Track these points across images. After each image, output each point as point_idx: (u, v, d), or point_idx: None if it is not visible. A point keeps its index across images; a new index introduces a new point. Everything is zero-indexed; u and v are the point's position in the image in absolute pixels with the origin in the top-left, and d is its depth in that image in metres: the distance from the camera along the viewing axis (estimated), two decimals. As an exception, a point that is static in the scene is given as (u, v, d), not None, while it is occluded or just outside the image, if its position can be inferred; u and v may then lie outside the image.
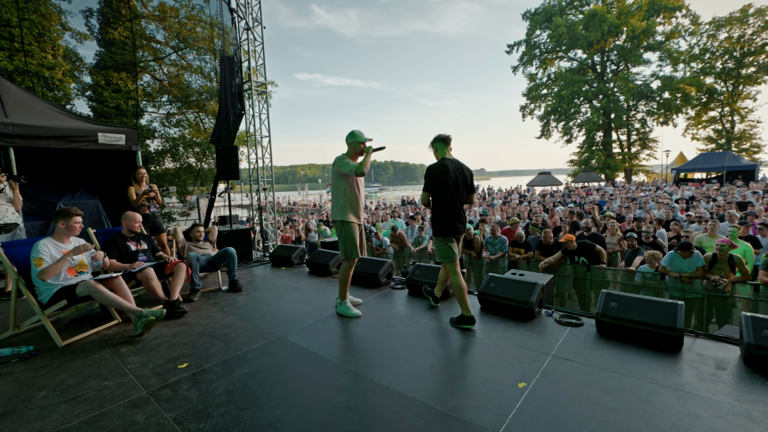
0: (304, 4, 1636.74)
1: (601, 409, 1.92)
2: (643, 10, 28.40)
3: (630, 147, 33.72)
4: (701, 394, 2.03)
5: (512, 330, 3.03)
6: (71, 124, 4.80)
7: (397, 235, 8.43)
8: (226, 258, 4.48)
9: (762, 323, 2.33)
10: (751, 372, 2.25)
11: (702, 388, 2.09)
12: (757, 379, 2.17)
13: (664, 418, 1.84)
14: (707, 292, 4.94)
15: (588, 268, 5.81)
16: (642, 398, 2.01)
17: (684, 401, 1.98)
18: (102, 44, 10.17)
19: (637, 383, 2.17)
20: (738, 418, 1.82)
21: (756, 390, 2.06)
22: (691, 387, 2.11)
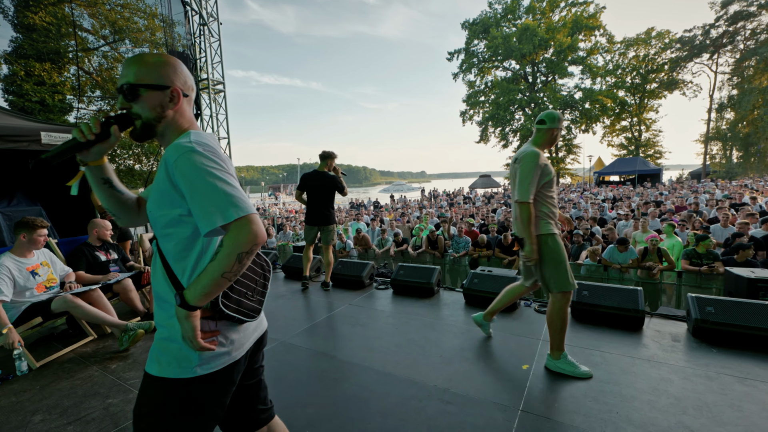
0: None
1: (595, 381, 2.29)
2: (567, 27, 31.69)
3: (558, 152, 37.37)
4: (668, 362, 2.50)
5: (500, 321, 3.37)
6: (9, 122, 4.24)
7: (361, 237, 8.57)
8: (204, 265, 4.29)
9: (705, 302, 2.90)
10: (699, 342, 2.80)
11: (667, 357, 2.58)
12: (705, 347, 2.72)
13: (646, 383, 2.26)
14: (640, 279, 5.80)
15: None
16: (624, 369, 2.43)
17: (657, 369, 2.43)
18: (19, 30, 8.92)
19: (616, 357, 2.60)
20: (699, 378, 2.30)
21: (706, 356, 2.59)
22: (659, 357, 2.58)
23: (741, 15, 30.38)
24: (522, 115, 35.88)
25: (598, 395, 2.14)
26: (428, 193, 28.91)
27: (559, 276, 2.30)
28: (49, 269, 3.04)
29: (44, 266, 3.02)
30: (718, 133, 33.64)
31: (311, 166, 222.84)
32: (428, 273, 4.22)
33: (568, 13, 33.35)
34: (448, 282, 7.27)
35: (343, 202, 33.35)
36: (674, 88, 34.48)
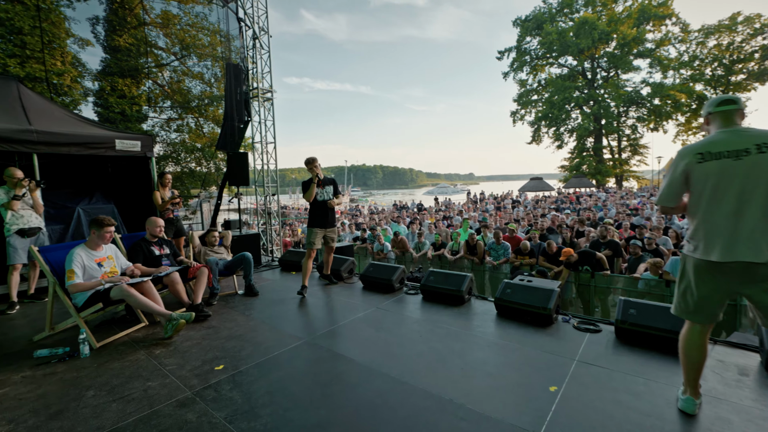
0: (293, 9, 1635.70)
1: (634, 413, 2.07)
2: (632, 17, 29.14)
3: (621, 153, 34.42)
4: (729, 399, 2.18)
5: (533, 335, 3.20)
6: (91, 131, 4.87)
7: (399, 240, 8.59)
8: (243, 263, 4.58)
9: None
10: None
11: (729, 394, 2.24)
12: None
13: (697, 421, 1.99)
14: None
15: (592, 275, 6.03)
16: (671, 402, 2.16)
17: (714, 406, 2.12)
18: (108, 51, 10.22)
19: (664, 387, 2.32)
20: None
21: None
22: (718, 392, 2.26)
23: None
24: (579, 114, 33.60)
25: (634, 429, 1.94)
26: (474, 196, 28.17)
27: None
28: (113, 262, 3.45)
29: (109, 259, 3.43)
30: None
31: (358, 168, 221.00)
32: (459, 280, 4.12)
33: (634, 3, 30.67)
34: (487, 290, 7.03)
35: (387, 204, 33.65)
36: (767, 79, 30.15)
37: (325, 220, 4.49)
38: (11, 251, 4.06)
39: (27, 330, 3.51)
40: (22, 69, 7.37)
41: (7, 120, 4.31)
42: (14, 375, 2.64)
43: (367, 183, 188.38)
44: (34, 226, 4.19)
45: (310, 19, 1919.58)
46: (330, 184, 4.54)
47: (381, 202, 42.90)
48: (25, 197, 4.16)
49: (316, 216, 4.48)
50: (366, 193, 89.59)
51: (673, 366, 2.58)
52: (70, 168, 5.51)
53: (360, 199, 54.11)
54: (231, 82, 7.77)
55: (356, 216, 19.96)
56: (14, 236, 4.07)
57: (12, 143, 4.13)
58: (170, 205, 5.19)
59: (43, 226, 4.32)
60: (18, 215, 4.10)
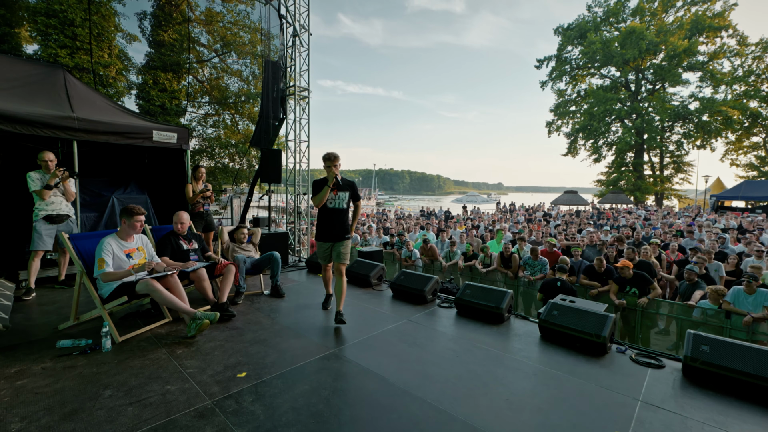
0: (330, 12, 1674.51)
1: None
2: (684, 28, 27.58)
3: (662, 170, 32.53)
4: None
5: (585, 366, 2.83)
6: (129, 121, 4.91)
7: (429, 248, 8.27)
8: (271, 262, 4.43)
9: None
10: None
11: None
12: None
13: None
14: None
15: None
16: None
17: None
18: (152, 45, 10.56)
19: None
20: None
21: None
22: None
23: None
24: (620, 127, 32.06)
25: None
26: (504, 206, 27.36)
27: None
28: (142, 254, 3.36)
29: (139, 251, 3.34)
30: None
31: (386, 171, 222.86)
32: (499, 296, 3.79)
33: (686, 13, 29.05)
34: (519, 307, 6.60)
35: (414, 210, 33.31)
36: (833, 98, 27.73)
37: (331, 231, 3.54)
38: (35, 237, 4.02)
39: (54, 317, 3.48)
40: (71, 59, 7.70)
41: (52, 106, 4.38)
42: (35, 366, 2.55)
43: (394, 187, 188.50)
44: (63, 213, 4.17)
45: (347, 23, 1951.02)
46: (347, 190, 3.59)
47: (407, 208, 42.61)
48: (58, 185, 4.17)
49: (323, 226, 3.58)
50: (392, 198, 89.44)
51: (760, 418, 2.16)
52: (108, 157, 5.59)
53: (386, 203, 54.11)
54: (269, 79, 7.78)
55: (384, 220, 19.78)
56: (41, 222, 4.03)
57: (54, 129, 4.18)
58: (201, 199, 5.14)
59: (72, 213, 4.31)
60: (48, 201, 4.08)
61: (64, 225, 4.23)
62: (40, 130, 4.15)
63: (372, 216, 25.21)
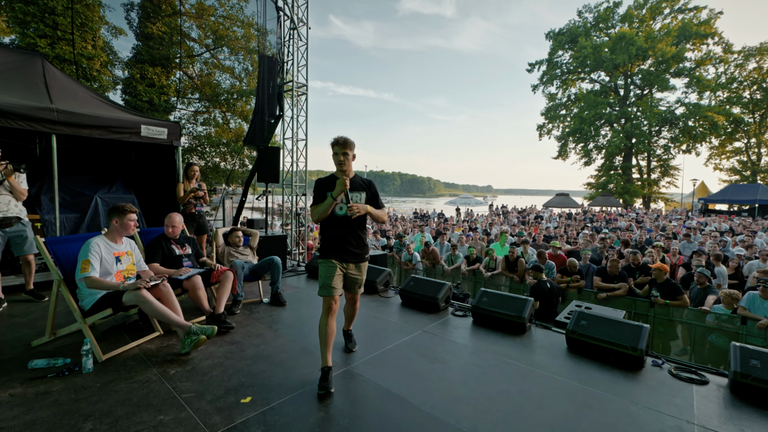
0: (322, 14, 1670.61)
1: None
2: (672, 35, 28.11)
3: (650, 173, 33.09)
4: None
5: (623, 383, 2.58)
6: (115, 114, 4.52)
7: (430, 251, 8.02)
8: (271, 268, 4.10)
9: None
10: None
11: None
12: None
13: None
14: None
15: (651, 304, 5.35)
16: None
17: None
18: (140, 38, 10.08)
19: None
20: None
21: None
22: None
23: None
24: (609, 131, 32.50)
25: None
26: (496, 209, 27.37)
27: None
28: (131, 259, 3.00)
29: (128, 255, 2.99)
30: None
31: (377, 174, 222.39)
32: (519, 305, 3.54)
33: (673, 20, 29.64)
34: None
35: (405, 212, 33.09)
36: (811, 106, 28.61)
37: (342, 248, 2.50)
38: None
39: (27, 331, 3.09)
40: (51, 50, 7.20)
41: (28, 96, 3.97)
42: (1, 392, 2.18)
43: (385, 189, 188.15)
44: (10, 215, 3.60)
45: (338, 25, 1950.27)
46: (364, 191, 2.59)
47: (400, 210, 42.39)
48: (2, 183, 3.56)
49: (330, 239, 2.52)
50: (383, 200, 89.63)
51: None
52: (91, 153, 5.18)
53: None
54: (264, 74, 7.43)
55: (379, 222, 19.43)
56: None
57: (30, 121, 3.78)
58: (193, 199, 4.77)
59: (24, 215, 3.74)
60: None
61: (13, 229, 3.65)
62: (14, 122, 3.74)
63: (365, 218, 24.93)
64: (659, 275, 5.21)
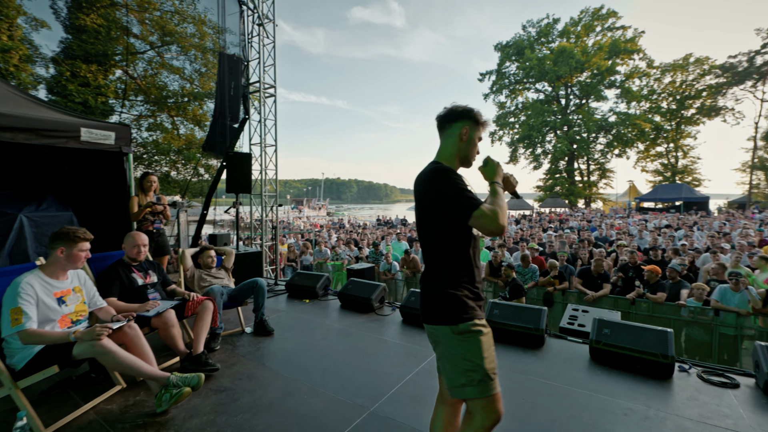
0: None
1: None
2: (604, 50, 30.87)
3: (590, 176, 35.93)
4: None
5: (660, 393, 2.44)
6: (47, 115, 3.69)
7: (411, 259, 7.73)
8: (254, 292, 3.53)
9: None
10: None
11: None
12: None
13: None
14: (765, 329, 4.73)
15: (633, 301, 5.49)
16: None
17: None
18: (70, 30, 8.79)
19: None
20: None
21: None
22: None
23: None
24: (554, 137, 34.87)
25: None
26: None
27: None
28: (80, 297, 2.33)
29: (76, 293, 2.31)
30: (762, 162, 31.51)
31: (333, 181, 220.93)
32: (534, 315, 3.33)
33: (603, 37, 32.63)
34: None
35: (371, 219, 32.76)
36: (715, 115, 32.83)
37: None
38: None
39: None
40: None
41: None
42: None
43: (341, 197, 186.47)
44: None
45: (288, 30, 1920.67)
46: None
47: (358, 216, 41.92)
48: None
49: (476, 278, 1.53)
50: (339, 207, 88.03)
51: None
52: (14, 162, 4.23)
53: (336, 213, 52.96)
54: (224, 74, 6.76)
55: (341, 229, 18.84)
56: None
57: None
58: (150, 215, 4.04)
59: None
60: None
61: None
62: None
63: (328, 227, 24.20)
64: (652, 277, 5.34)
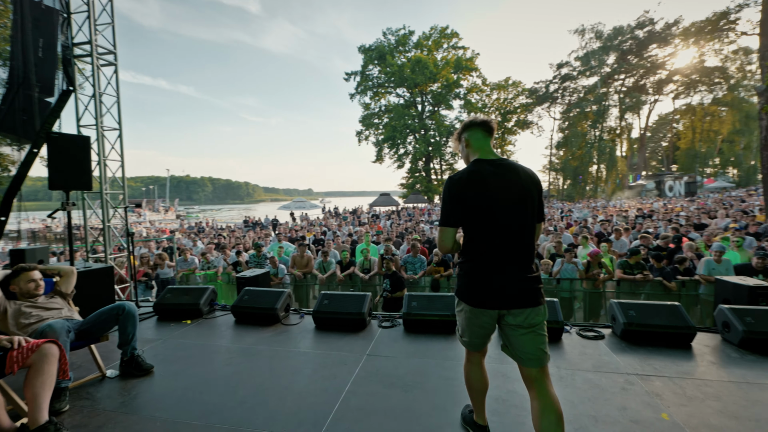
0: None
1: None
2: (450, 65, 35.77)
3: (442, 174, 41.30)
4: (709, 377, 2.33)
5: (557, 353, 2.85)
6: None
7: (305, 260, 7.23)
8: (121, 321, 2.61)
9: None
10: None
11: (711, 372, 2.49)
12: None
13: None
14: (588, 290, 6.19)
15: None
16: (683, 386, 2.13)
17: (701, 387, 2.25)
18: None
19: (670, 378, 2.40)
20: None
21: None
22: (705, 373, 2.45)
23: (567, 76, 39.50)
24: (413, 140, 38.60)
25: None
26: (329, 211, 27.98)
27: None
28: None
29: None
30: (555, 165, 42.21)
31: (181, 179, 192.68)
32: (450, 302, 3.47)
33: (449, 54, 37.80)
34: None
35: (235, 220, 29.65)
36: (526, 128, 42.21)
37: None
38: None
39: None
40: None
41: None
42: None
43: (193, 197, 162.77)
44: None
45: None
46: None
47: (218, 219, 37.29)
48: None
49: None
50: (189, 209, 73.85)
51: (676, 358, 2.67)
52: None
53: (188, 216, 45.09)
54: (25, 27, 4.93)
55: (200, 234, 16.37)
56: None
57: None
58: None
59: None
60: None
61: None
62: None
63: (182, 231, 20.77)
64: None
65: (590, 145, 36.56)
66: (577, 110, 38.04)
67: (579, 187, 38.13)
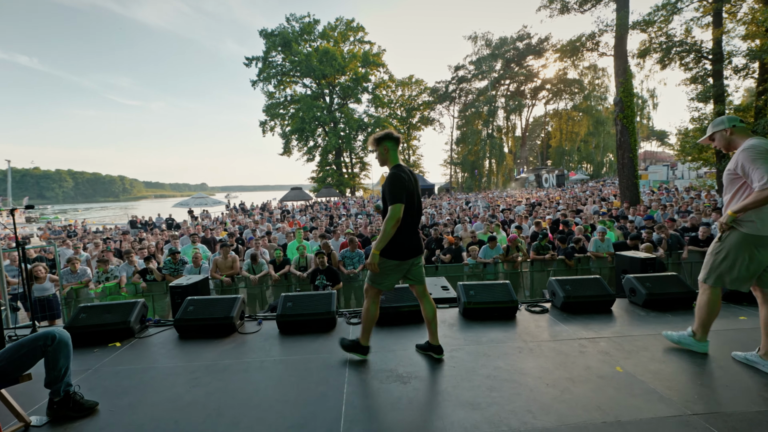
0: None
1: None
2: (358, 59, 35.98)
3: (353, 168, 41.66)
4: (634, 333, 3.00)
5: (517, 329, 3.23)
6: None
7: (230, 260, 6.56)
8: (49, 354, 2.04)
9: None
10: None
11: (634, 329, 3.14)
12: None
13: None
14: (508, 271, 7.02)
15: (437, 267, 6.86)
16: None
17: (632, 342, 2.85)
18: None
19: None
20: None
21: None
22: (630, 330, 3.10)
23: (463, 79, 43.39)
24: (323, 132, 37.93)
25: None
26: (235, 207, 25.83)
27: None
28: None
29: None
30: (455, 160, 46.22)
31: (27, 172, 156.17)
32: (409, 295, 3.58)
33: (356, 47, 38.00)
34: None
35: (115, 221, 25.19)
36: (429, 124, 45.16)
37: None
38: None
39: None
40: None
41: None
42: None
43: (45, 194, 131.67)
44: None
45: None
46: None
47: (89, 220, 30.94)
48: None
49: None
50: (41, 209, 54.22)
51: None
52: None
53: (42, 218, 35.17)
54: None
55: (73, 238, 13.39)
56: None
57: None
58: None
59: None
60: None
61: None
62: None
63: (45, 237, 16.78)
64: (448, 244, 6.71)
65: (484, 142, 40.93)
66: (472, 110, 42.18)
67: (476, 179, 42.54)
